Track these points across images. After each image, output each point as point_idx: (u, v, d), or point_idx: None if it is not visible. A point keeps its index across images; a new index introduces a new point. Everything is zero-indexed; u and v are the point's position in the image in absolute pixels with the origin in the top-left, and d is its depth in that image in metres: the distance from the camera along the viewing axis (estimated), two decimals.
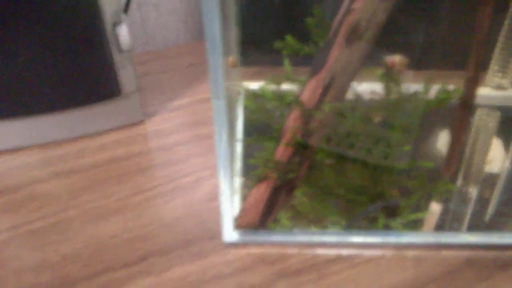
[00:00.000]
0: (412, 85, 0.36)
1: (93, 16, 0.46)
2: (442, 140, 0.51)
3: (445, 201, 0.41)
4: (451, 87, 0.37)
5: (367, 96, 0.36)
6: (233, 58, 0.37)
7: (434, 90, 0.36)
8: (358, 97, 0.36)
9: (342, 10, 0.32)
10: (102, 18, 0.47)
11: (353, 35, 0.32)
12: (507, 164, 0.47)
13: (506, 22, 0.47)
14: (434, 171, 0.43)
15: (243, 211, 0.37)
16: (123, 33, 0.48)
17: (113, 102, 0.52)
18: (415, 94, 0.34)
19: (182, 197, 0.44)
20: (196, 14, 0.81)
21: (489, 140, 0.49)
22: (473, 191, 0.46)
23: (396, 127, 0.34)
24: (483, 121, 0.50)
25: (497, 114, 0.51)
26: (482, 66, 0.36)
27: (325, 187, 0.37)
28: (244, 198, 0.38)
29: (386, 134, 0.35)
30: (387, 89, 0.33)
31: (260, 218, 0.36)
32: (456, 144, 0.40)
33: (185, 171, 0.47)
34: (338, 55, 0.32)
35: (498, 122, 0.51)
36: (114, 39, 0.48)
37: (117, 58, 0.49)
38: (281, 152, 0.35)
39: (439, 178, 0.38)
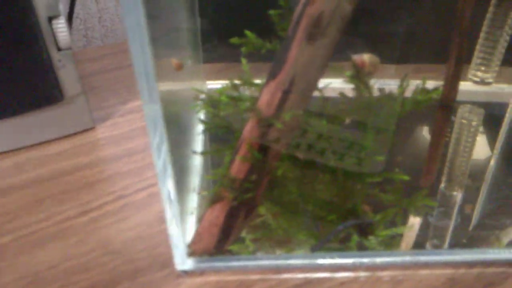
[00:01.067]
0: (388, 81, 0.32)
1: (23, 9, 0.40)
2: (420, 144, 0.47)
3: (424, 215, 0.37)
4: (430, 84, 0.33)
5: (334, 95, 0.31)
6: (177, 60, 0.32)
7: (413, 86, 0.32)
8: (324, 99, 0.31)
9: (302, 0, 0.27)
10: (35, 11, 0.41)
11: (315, 29, 0.27)
12: (491, 168, 0.44)
13: (490, 9, 0.43)
14: (411, 180, 0.39)
15: (197, 235, 0.32)
16: (61, 28, 0.42)
17: (55, 107, 0.46)
18: (390, 95, 0.30)
19: (132, 217, 0.39)
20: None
21: (472, 140, 0.45)
22: (454, 201, 0.42)
23: (369, 130, 0.30)
24: (466, 119, 0.47)
25: (481, 111, 0.48)
26: (464, 60, 0.32)
27: (289, 204, 0.33)
28: (200, 220, 0.33)
29: (358, 137, 0.30)
30: (358, 92, 0.29)
31: (215, 244, 0.32)
32: (436, 150, 0.36)
33: (138, 185, 0.42)
34: (298, 53, 0.28)
35: (482, 120, 0.47)
36: (50, 35, 0.42)
37: (56, 57, 0.43)
38: (237, 167, 0.30)
39: (416, 189, 0.34)
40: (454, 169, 0.47)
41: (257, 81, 0.33)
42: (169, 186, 0.29)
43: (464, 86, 0.49)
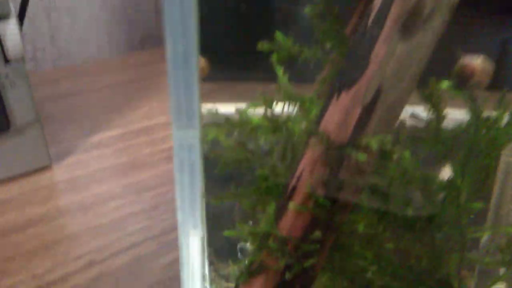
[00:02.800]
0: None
1: None
2: None
3: None
4: None
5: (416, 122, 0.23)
6: (205, 60, 0.22)
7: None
8: (402, 124, 0.23)
9: None
10: None
11: (413, 20, 0.19)
12: None
13: None
14: None
15: None
16: (11, 32, 0.31)
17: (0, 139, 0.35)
18: (496, 121, 0.22)
19: None
20: (123, 23, 0.65)
21: None
22: None
23: (467, 170, 0.22)
24: None
25: None
26: None
27: (359, 274, 0.23)
28: None
29: (453, 181, 0.22)
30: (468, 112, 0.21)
31: None
32: None
33: (115, 246, 0.31)
34: (386, 54, 0.19)
35: None
36: None
37: (2, 71, 0.32)
38: (290, 221, 0.21)
39: None
40: None
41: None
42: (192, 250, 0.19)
43: None
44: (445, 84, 0.21)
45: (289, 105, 0.25)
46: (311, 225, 0.21)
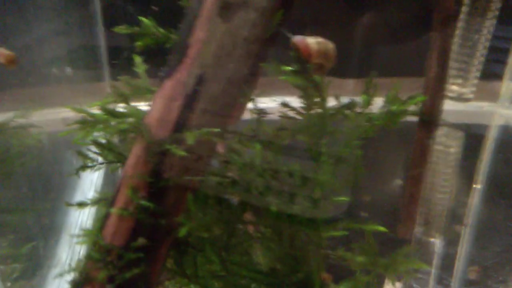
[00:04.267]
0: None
1: None
2: (394, 178, 0.37)
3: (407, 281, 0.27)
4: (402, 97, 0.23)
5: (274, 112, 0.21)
6: (7, 51, 0.20)
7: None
8: (258, 114, 0.21)
9: None
10: None
11: None
12: (475, 206, 0.34)
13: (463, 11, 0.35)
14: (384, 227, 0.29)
15: None
16: None
17: None
18: (351, 105, 0.20)
19: None
20: None
21: (451, 172, 0.36)
22: (432, 251, 0.32)
23: (326, 158, 0.20)
24: (442, 145, 0.37)
25: (460, 135, 0.39)
26: (449, 59, 0.23)
27: (209, 277, 0.21)
28: None
29: (311, 169, 0.20)
30: (306, 96, 0.19)
31: None
32: (417, 185, 0.26)
33: None
34: (207, 36, 0.17)
35: (461, 146, 0.38)
36: None
37: None
38: (113, 227, 0.19)
39: (393, 242, 0.23)
40: (431, 208, 0.38)
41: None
42: None
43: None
44: (287, 68, 0.19)
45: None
46: (135, 231, 0.19)
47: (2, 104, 0.21)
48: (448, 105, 0.40)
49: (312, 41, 0.18)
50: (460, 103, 0.39)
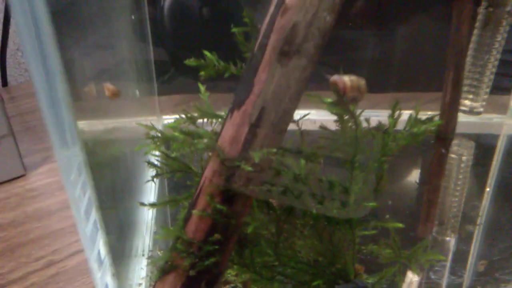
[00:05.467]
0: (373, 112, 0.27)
1: None
2: (412, 186, 0.42)
3: (425, 271, 0.32)
4: (422, 115, 0.28)
5: (313, 128, 0.26)
6: (111, 85, 0.25)
7: (405, 117, 0.27)
8: (302, 133, 0.26)
9: (271, 9, 0.22)
10: None
11: (288, 46, 0.22)
12: (486, 208, 0.39)
13: (475, 32, 0.40)
14: (407, 229, 0.33)
15: None
16: None
17: None
18: (379, 127, 0.25)
19: None
20: None
21: (463, 177, 0.41)
22: (447, 248, 0.37)
23: (356, 168, 0.24)
24: (455, 153, 0.42)
25: (471, 144, 0.44)
26: (461, 85, 0.28)
27: (264, 268, 0.26)
28: None
29: (343, 178, 0.24)
30: (341, 123, 0.23)
31: None
32: (435, 192, 0.30)
33: (73, 247, 0.35)
34: (268, 77, 0.22)
35: (472, 154, 0.43)
36: None
37: None
38: (194, 225, 0.24)
39: (414, 240, 0.28)
40: (446, 210, 0.42)
41: (221, 113, 0.27)
42: (99, 249, 0.22)
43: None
44: (328, 100, 0.24)
45: (208, 121, 0.28)
46: (212, 228, 0.24)
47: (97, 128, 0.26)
48: (461, 118, 0.45)
49: (347, 79, 0.23)
50: (472, 116, 0.43)
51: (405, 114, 0.27)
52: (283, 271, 0.26)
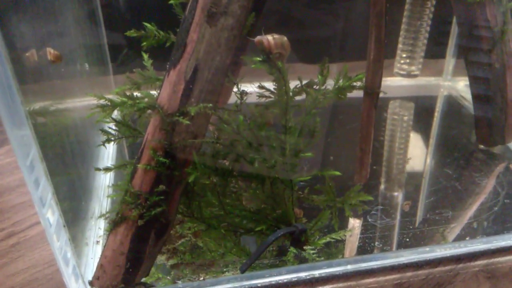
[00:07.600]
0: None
1: None
2: (349, 140, 0.45)
3: (361, 214, 0.35)
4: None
5: (253, 95, 0.28)
6: (54, 50, 0.27)
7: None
8: (241, 93, 0.28)
9: None
10: None
11: (216, 8, 0.24)
12: (428, 163, 0.42)
13: (407, 1, 0.43)
14: (345, 178, 0.36)
15: (99, 269, 0.27)
16: None
17: None
18: (310, 84, 0.27)
19: (24, 258, 0.33)
20: None
21: (406, 136, 0.44)
22: (395, 202, 0.40)
23: (292, 128, 0.27)
24: (397, 114, 0.45)
25: (411, 105, 0.47)
26: (383, 41, 0.31)
27: (212, 218, 0.28)
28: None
29: (281, 138, 0.27)
30: (276, 82, 0.26)
31: (123, 276, 0.27)
32: (367, 142, 0.33)
33: (33, 218, 0.36)
34: (198, 37, 0.24)
35: (413, 114, 0.46)
36: None
37: None
38: (140, 178, 0.26)
39: (351, 188, 0.31)
40: (392, 168, 0.46)
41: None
42: (50, 215, 0.24)
43: (392, 81, 0.49)
44: (257, 59, 0.26)
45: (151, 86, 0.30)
46: (156, 180, 0.26)
47: (42, 94, 0.28)
48: (401, 82, 0.48)
49: (270, 38, 0.25)
50: (410, 80, 0.46)
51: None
52: (229, 220, 0.29)
